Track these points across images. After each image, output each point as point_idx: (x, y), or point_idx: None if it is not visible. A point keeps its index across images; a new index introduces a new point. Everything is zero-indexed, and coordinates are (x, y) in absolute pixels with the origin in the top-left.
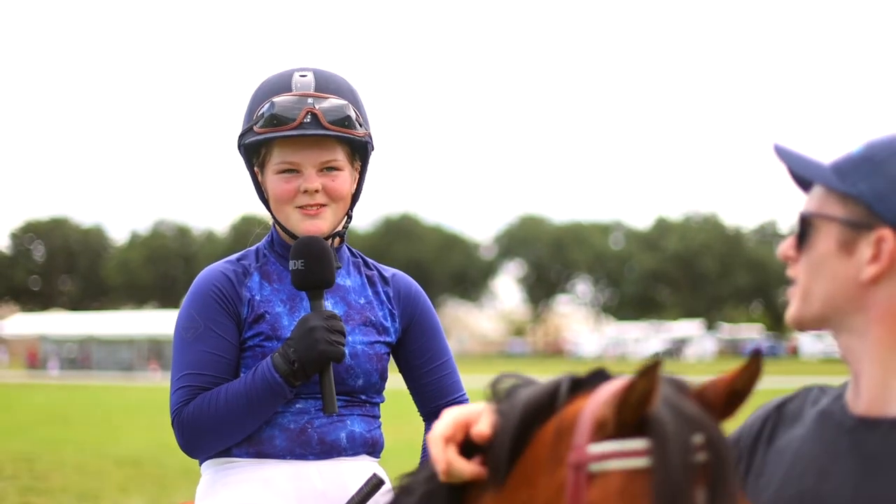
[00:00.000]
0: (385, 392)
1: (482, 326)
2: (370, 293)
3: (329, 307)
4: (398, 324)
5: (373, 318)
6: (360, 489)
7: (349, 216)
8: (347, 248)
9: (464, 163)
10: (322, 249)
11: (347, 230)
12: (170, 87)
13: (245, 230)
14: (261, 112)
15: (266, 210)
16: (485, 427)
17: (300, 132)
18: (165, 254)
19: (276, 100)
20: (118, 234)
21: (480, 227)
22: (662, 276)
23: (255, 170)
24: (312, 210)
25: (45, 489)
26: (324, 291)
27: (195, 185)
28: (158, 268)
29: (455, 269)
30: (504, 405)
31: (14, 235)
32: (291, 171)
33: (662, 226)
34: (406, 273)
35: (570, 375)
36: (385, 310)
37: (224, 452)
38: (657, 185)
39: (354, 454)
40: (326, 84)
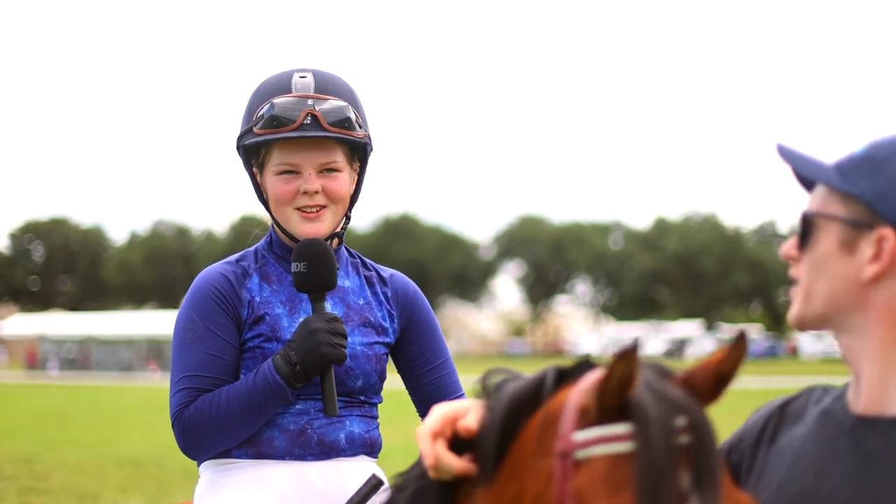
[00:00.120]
0: (384, 392)
1: (482, 327)
2: (369, 294)
3: (328, 308)
4: (397, 324)
5: (372, 319)
6: (360, 489)
7: (348, 217)
8: (346, 249)
9: (463, 163)
10: (324, 252)
11: (346, 231)
12: (169, 88)
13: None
14: (260, 113)
15: (265, 211)
16: (471, 421)
17: (300, 134)
18: (165, 254)
19: (276, 101)
20: (117, 235)
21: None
22: (662, 277)
23: (254, 170)
24: (312, 212)
25: (45, 489)
26: (325, 294)
27: (195, 186)
28: (158, 268)
29: (454, 270)
30: (492, 400)
31: (13, 236)
32: (291, 173)
33: (662, 226)
34: (406, 273)
35: (556, 367)
36: (384, 310)
37: (223, 453)
38: (657, 186)
39: (353, 455)
40: (326, 85)
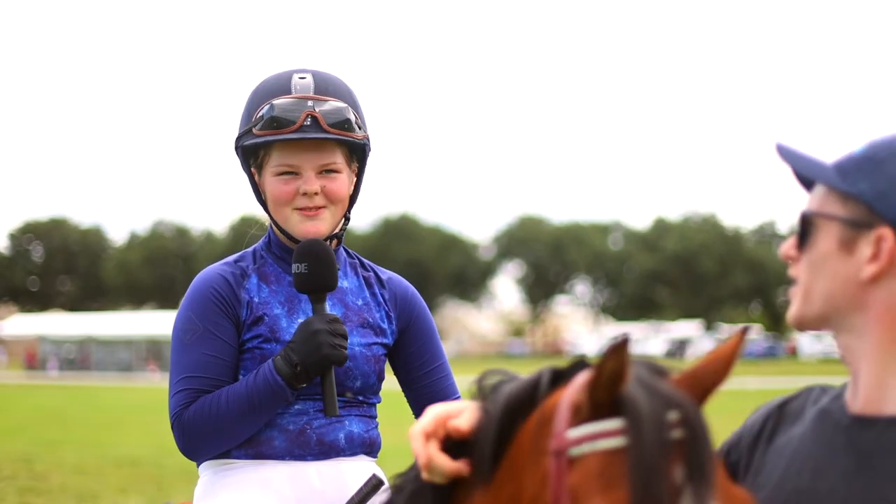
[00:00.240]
0: (383, 393)
1: (481, 327)
2: (367, 295)
3: (328, 309)
4: (395, 326)
5: (370, 320)
6: (360, 489)
7: (347, 218)
8: (344, 250)
9: (463, 163)
10: (325, 253)
11: (345, 232)
12: (169, 88)
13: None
14: (260, 114)
15: (263, 211)
16: (462, 422)
17: (301, 135)
18: (164, 254)
19: (276, 102)
20: (117, 235)
21: (479, 228)
22: (661, 277)
23: (252, 171)
24: (311, 212)
25: (44, 489)
26: (326, 295)
27: (194, 186)
28: (157, 268)
29: (454, 270)
30: (488, 402)
31: (13, 236)
32: (290, 174)
33: (661, 226)
34: (405, 273)
35: (551, 368)
36: (382, 311)
37: (223, 453)
38: (656, 186)
39: (353, 454)
40: (326, 86)
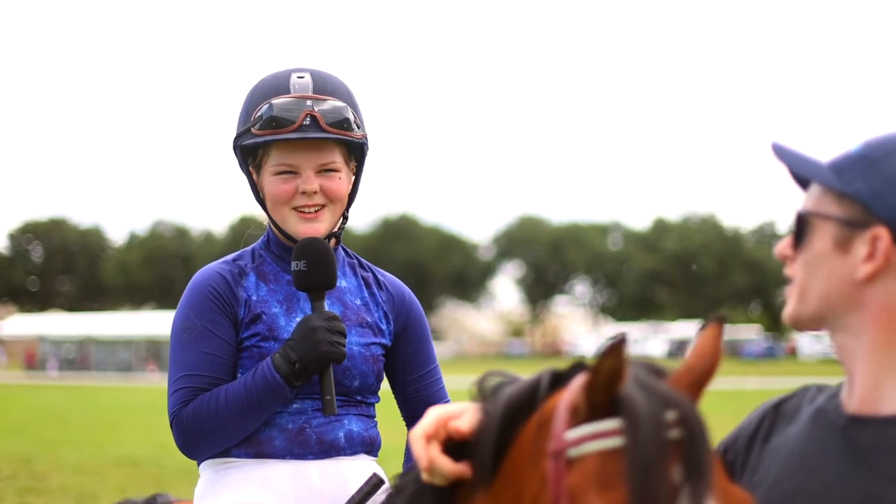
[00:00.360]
0: (383, 394)
1: (481, 327)
2: (366, 295)
3: (326, 307)
4: (393, 327)
5: (369, 320)
6: (361, 488)
7: (345, 217)
8: (343, 249)
9: (462, 163)
10: (325, 251)
11: (343, 231)
12: (168, 88)
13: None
14: (258, 114)
15: (262, 210)
16: (463, 424)
17: (300, 135)
18: (164, 254)
19: (275, 102)
20: (116, 235)
21: (479, 228)
22: (661, 277)
23: (251, 170)
24: (310, 213)
25: (44, 489)
26: (325, 293)
27: (193, 186)
28: (157, 268)
29: (453, 270)
30: (489, 404)
31: (12, 236)
32: (289, 173)
33: (661, 226)
34: (405, 274)
35: (551, 370)
36: (380, 312)
37: (223, 452)
38: (655, 186)
39: (353, 453)
40: (324, 85)
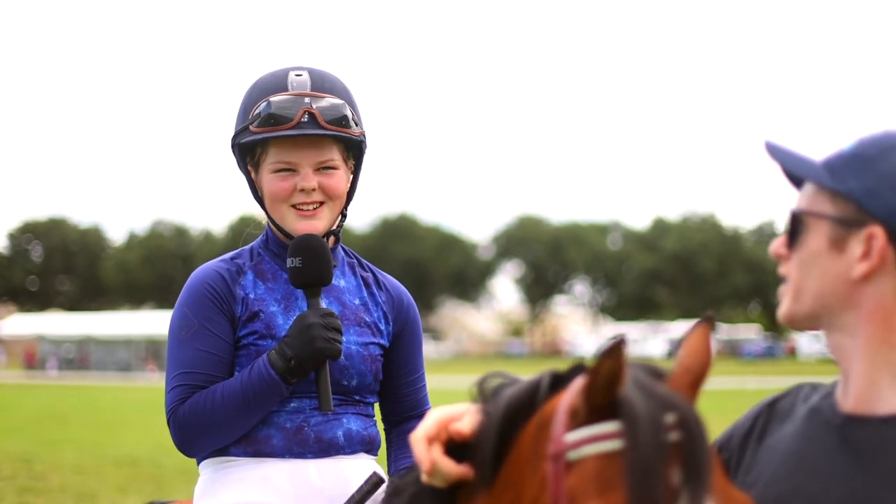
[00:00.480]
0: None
1: (480, 327)
2: (365, 294)
3: (322, 304)
4: (391, 328)
5: (367, 320)
6: (361, 487)
7: (344, 215)
8: (342, 249)
9: (462, 163)
10: (320, 247)
11: (342, 229)
12: (167, 88)
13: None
14: (257, 111)
15: (261, 209)
16: (464, 425)
17: (298, 132)
18: (163, 254)
19: (273, 99)
20: (116, 235)
21: (478, 228)
22: (660, 277)
23: (249, 169)
24: (309, 210)
25: (43, 489)
26: (321, 289)
27: (193, 186)
28: (156, 268)
29: (453, 270)
30: (489, 405)
31: (12, 236)
32: (288, 170)
33: (660, 226)
34: (404, 273)
35: (551, 372)
36: (380, 312)
37: (222, 451)
38: (655, 186)
39: (352, 452)
40: (322, 83)
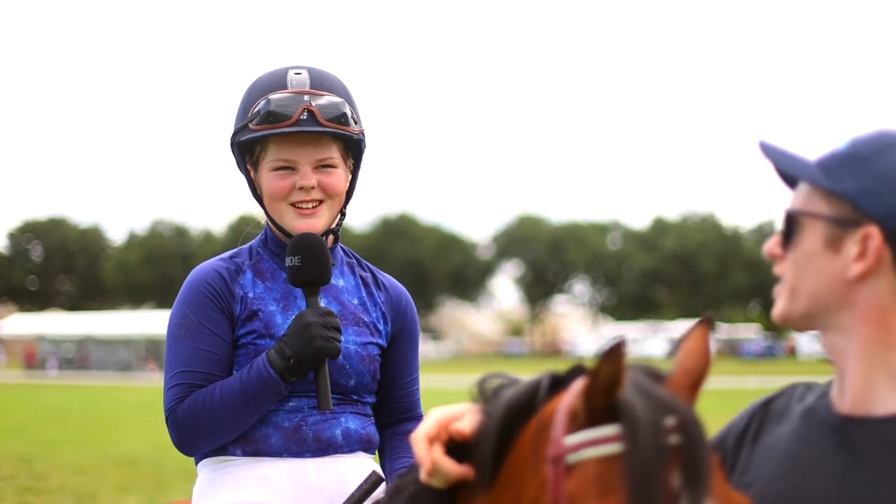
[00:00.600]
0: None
1: (480, 326)
2: (364, 294)
3: (321, 303)
4: (390, 328)
5: (366, 319)
6: (360, 486)
7: (343, 214)
8: (342, 248)
9: (461, 162)
10: (319, 246)
11: (341, 228)
12: (167, 88)
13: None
14: (256, 109)
15: (260, 207)
16: (465, 425)
17: (298, 129)
18: (163, 254)
19: (273, 97)
20: (116, 234)
21: (478, 227)
22: (660, 276)
23: (248, 167)
24: (308, 208)
25: (43, 489)
26: (320, 288)
27: (193, 185)
28: (156, 268)
29: (453, 269)
30: (489, 406)
31: (12, 235)
32: (287, 168)
33: (660, 225)
34: (404, 273)
35: (550, 373)
36: (378, 312)
37: (221, 451)
38: (655, 185)
39: (351, 451)
40: (321, 81)
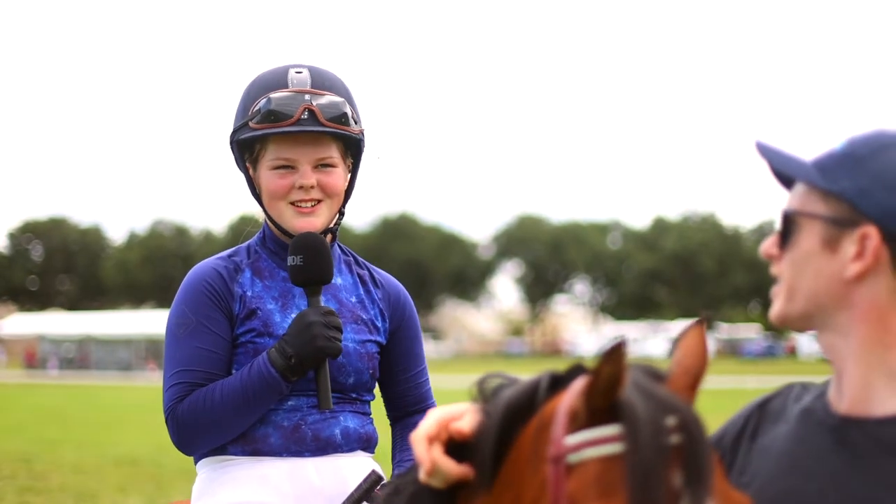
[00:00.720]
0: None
1: (480, 326)
2: (362, 292)
3: (322, 302)
4: (388, 325)
5: (364, 317)
6: (360, 485)
7: (342, 213)
8: (339, 247)
9: (462, 162)
10: (321, 245)
11: (339, 227)
12: (167, 87)
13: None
14: (257, 108)
15: (258, 206)
16: (465, 425)
17: (298, 128)
18: (163, 254)
19: (274, 96)
20: (116, 234)
21: (478, 227)
22: (660, 276)
23: (247, 165)
24: (307, 207)
25: (44, 489)
26: (321, 288)
27: (193, 185)
28: (156, 268)
29: (453, 269)
30: (489, 405)
31: (12, 235)
32: (286, 167)
33: (660, 225)
34: (404, 273)
35: (550, 373)
36: (376, 309)
37: (220, 450)
38: (655, 185)
39: (350, 450)
40: (322, 81)
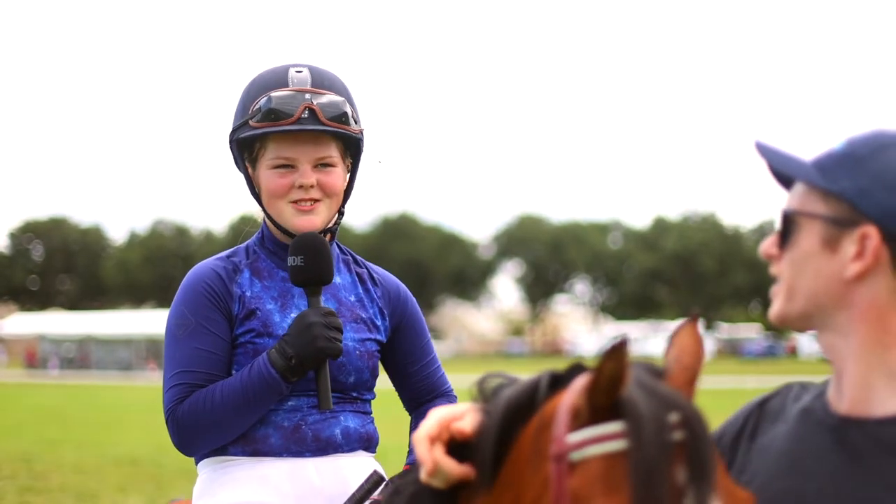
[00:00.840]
0: (383, 393)
1: (481, 326)
2: (360, 291)
3: (322, 302)
4: (388, 323)
5: (363, 316)
6: (361, 486)
7: (341, 213)
8: (337, 246)
9: (462, 162)
10: (322, 246)
11: (338, 227)
12: (168, 87)
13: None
14: (257, 106)
15: (257, 205)
16: (466, 424)
17: (299, 127)
18: (164, 253)
19: (274, 94)
20: (117, 234)
21: (479, 227)
22: (661, 276)
23: (247, 164)
24: (306, 206)
25: (44, 489)
26: (321, 288)
27: (193, 185)
28: (157, 267)
29: (453, 269)
30: (489, 405)
31: (13, 235)
32: (286, 167)
33: (661, 225)
34: (405, 273)
35: (550, 372)
36: (375, 308)
37: (220, 451)
38: (655, 185)
39: (350, 450)
40: (322, 80)
